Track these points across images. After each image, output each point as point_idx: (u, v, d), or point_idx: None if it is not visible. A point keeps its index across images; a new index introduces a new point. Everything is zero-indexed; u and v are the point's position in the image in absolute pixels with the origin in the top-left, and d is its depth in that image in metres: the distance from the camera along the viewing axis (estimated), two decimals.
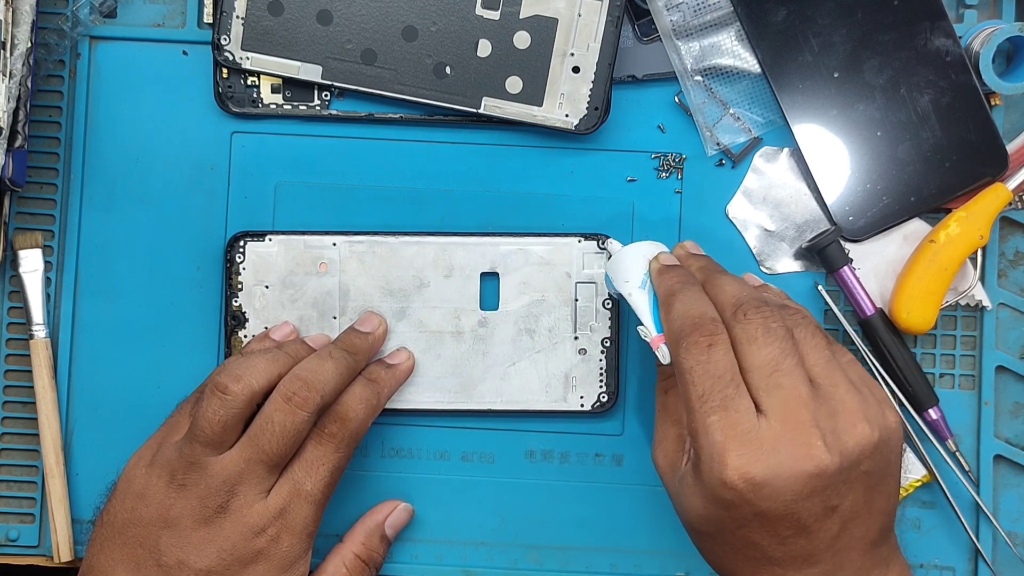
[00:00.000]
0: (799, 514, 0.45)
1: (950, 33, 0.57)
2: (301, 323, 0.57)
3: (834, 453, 0.45)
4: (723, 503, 0.45)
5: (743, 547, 0.47)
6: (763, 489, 0.44)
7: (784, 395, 0.45)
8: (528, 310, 0.57)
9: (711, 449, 0.45)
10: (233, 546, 0.50)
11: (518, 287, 0.58)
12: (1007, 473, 0.60)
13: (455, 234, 0.58)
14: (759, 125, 0.59)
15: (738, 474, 0.44)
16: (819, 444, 0.45)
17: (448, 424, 0.59)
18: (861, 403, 0.47)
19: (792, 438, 0.45)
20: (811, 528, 0.46)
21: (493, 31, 0.57)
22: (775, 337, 0.46)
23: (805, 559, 0.47)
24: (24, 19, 0.54)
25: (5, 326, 0.59)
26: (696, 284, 0.50)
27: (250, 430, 0.51)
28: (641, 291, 0.51)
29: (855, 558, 0.47)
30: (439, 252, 0.58)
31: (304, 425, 0.51)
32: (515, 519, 0.59)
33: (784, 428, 0.45)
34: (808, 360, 0.47)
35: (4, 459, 0.59)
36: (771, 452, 0.44)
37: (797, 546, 0.46)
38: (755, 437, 0.45)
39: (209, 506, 0.50)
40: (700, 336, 0.46)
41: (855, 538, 0.47)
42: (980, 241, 0.57)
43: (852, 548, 0.47)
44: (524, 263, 0.58)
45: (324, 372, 0.52)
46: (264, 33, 0.57)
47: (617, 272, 0.53)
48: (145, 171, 0.59)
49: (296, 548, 0.51)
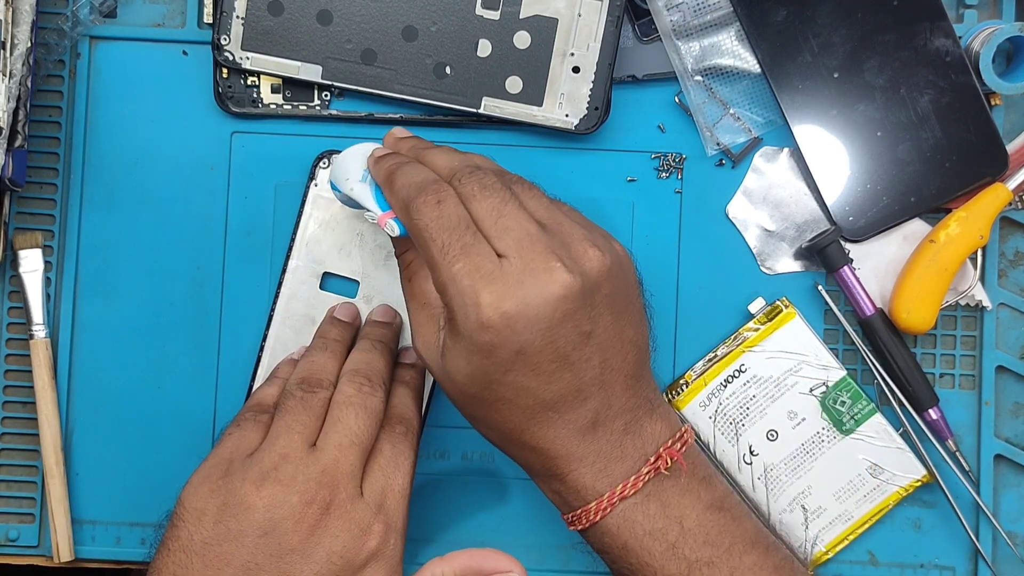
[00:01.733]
0: (557, 342, 0.46)
1: (950, 33, 0.57)
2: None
3: (575, 273, 0.46)
4: (484, 349, 0.46)
5: (514, 396, 0.47)
6: (518, 322, 0.45)
7: (515, 235, 0.46)
8: None
9: (462, 297, 0.46)
10: (344, 547, 0.47)
11: None
12: (1007, 473, 0.60)
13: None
14: (759, 125, 0.59)
15: (492, 310, 0.45)
16: (559, 266, 0.46)
17: (448, 424, 0.59)
18: (587, 234, 0.48)
19: (534, 268, 0.46)
20: (572, 358, 0.47)
21: (493, 31, 0.57)
22: (493, 191, 0.47)
23: (575, 396, 0.48)
24: (24, 19, 0.54)
25: (5, 326, 0.59)
26: (412, 160, 0.51)
27: (332, 415, 0.50)
28: (363, 184, 0.52)
29: (620, 392, 0.49)
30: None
31: (381, 407, 0.51)
32: (515, 518, 0.59)
33: (523, 262, 0.46)
34: (529, 206, 0.48)
35: (4, 459, 0.59)
36: (517, 285, 0.45)
37: (564, 381, 0.47)
38: (500, 275, 0.45)
39: (314, 503, 0.47)
40: (427, 196, 0.47)
41: (615, 370, 0.48)
42: (980, 241, 0.57)
43: (615, 382, 0.48)
44: None
45: (376, 362, 0.53)
46: (264, 33, 0.57)
47: (338, 173, 0.53)
48: (145, 171, 0.59)
49: (400, 547, 0.50)
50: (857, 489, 0.58)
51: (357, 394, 0.51)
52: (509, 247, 0.46)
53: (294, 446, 0.48)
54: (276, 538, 0.46)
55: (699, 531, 0.49)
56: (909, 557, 0.59)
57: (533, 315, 0.45)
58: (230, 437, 0.50)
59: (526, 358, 0.46)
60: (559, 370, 0.47)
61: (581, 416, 0.48)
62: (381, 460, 0.50)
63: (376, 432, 0.51)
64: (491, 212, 0.47)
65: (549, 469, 0.49)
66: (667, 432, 0.50)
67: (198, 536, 0.47)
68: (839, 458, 0.58)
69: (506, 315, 0.45)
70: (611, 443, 0.49)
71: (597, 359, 0.48)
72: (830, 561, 0.59)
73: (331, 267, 0.58)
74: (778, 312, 0.58)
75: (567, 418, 0.48)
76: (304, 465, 0.48)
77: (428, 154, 0.51)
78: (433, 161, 0.50)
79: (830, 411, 0.58)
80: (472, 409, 0.50)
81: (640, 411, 0.50)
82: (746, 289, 0.59)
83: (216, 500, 0.47)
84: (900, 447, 0.58)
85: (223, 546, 0.46)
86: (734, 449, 0.58)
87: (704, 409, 0.58)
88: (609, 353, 0.48)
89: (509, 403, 0.48)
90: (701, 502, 0.50)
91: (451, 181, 0.48)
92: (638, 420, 0.50)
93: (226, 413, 0.58)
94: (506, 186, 0.48)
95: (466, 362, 0.47)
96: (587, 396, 0.48)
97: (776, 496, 0.58)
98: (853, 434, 0.58)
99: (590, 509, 0.49)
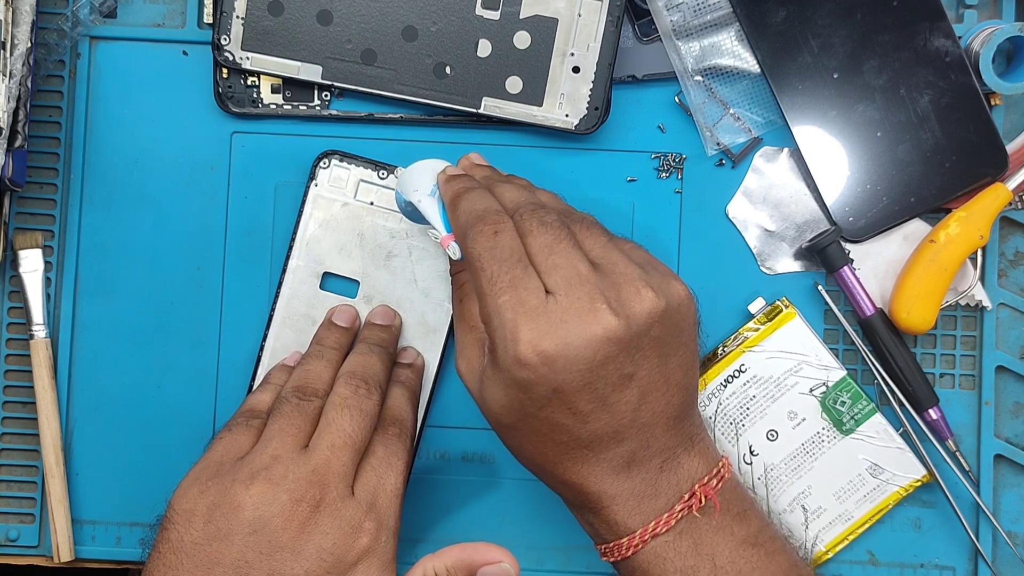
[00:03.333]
0: (595, 384, 0.46)
1: (949, 33, 0.57)
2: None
3: (621, 317, 0.45)
4: (521, 384, 0.46)
5: (549, 431, 0.47)
6: (556, 361, 0.45)
7: (564, 272, 0.46)
8: None
9: (503, 329, 0.46)
10: (334, 545, 0.47)
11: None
12: (1007, 473, 0.60)
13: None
14: (759, 125, 0.59)
15: (530, 348, 0.45)
16: (604, 308, 0.45)
17: (448, 424, 0.59)
18: (643, 274, 0.47)
19: (579, 307, 0.45)
20: (610, 400, 0.46)
21: (493, 31, 0.57)
22: (550, 227, 0.47)
23: (612, 437, 0.47)
24: (24, 19, 0.54)
25: (5, 326, 0.59)
26: (481, 187, 0.51)
27: (325, 417, 0.50)
28: (431, 198, 0.52)
29: (659, 434, 0.48)
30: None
31: (376, 409, 0.51)
32: (515, 519, 0.59)
33: (569, 300, 0.45)
34: (585, 245, 0.48)
35: (4, 459, 0.59)
36: (559, 324, 0.45)
37: (600, 422, 0.47)
38: (543, 312, 0.45)
39: (303, 501, 0.47)
40: (486, 225, 0.47)
41: (656, 412, 0.48)
42: (980, 241, 0.57)
43: (656, 424, 0.48)
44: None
45: (373, 365, 0.53)
46: (264, 33, 0.57)
47: (407, 184, 0.53)
48: (145, 171, 0.59)
49: (392, 545, 0.49)
50: (857, 489, 0.58)
51: (352, 396, 0.51)
52: (557, 284, 0.46)
53: (287, 448, 0.49)
54: (266, 536, 0.46)
55: (731, 568, 0.48)
56: (909, 557, 0.59)
57: (573, 355, 0.45)
58: (221, 441, 0.51)
59: (563, 397, 0.46)
60: (596, 411, 0.46)
61: (617, 455, 0.48)
62: (374, 460, 0.50)
63: (370, 434, 0.51)
64: (544, 248, 0.47)
65: (582, 502, 0.49)
66: (704, 468, 0.49)
67: (188, 537, 0.47)
68: (839, 458, 0.58)
69: (543, 353, 0.45)
70: (646, 481, 0.48)
71: (637, 401, 0.47)
72: (830, 561, 0.59)
73: (331, 267, 0.58)
74: (778, 312, 0.58)
75: (602, 456, 0.48)
76: (295, 465, 0.48)
77: (498, 185, 0.51)
78: (501, 193, 0.50)
79: (830, 411, 0.58)
80: (507, 438, 0.50)
81: (679, 448, 0.49)
82: (746, 289, 0.59)
83: (205, 501, 0.47)
84: (900, 447, 0.58)
85: (213, 546, 0.46)
86: (734, 449, 0.58)
87: (704, 409, 0.58)
88: (652, 396, 0.47)
89: (544, 437, 0.48)
90: (735, 538, 0.49)
91: (513, 214, 0.48)
92: (676, 457, 0.49)
93: (226, 413, 0.58)
94: (564, 224, 0.48)
95: (503, 393, 0.47)
96: (624, 437, 0.47)
97: (776, 496, 0.58)
98: (853, 434, 0.58)
99: (622, 544, 0.49)
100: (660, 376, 0.48)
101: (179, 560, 0.47)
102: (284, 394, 0.52)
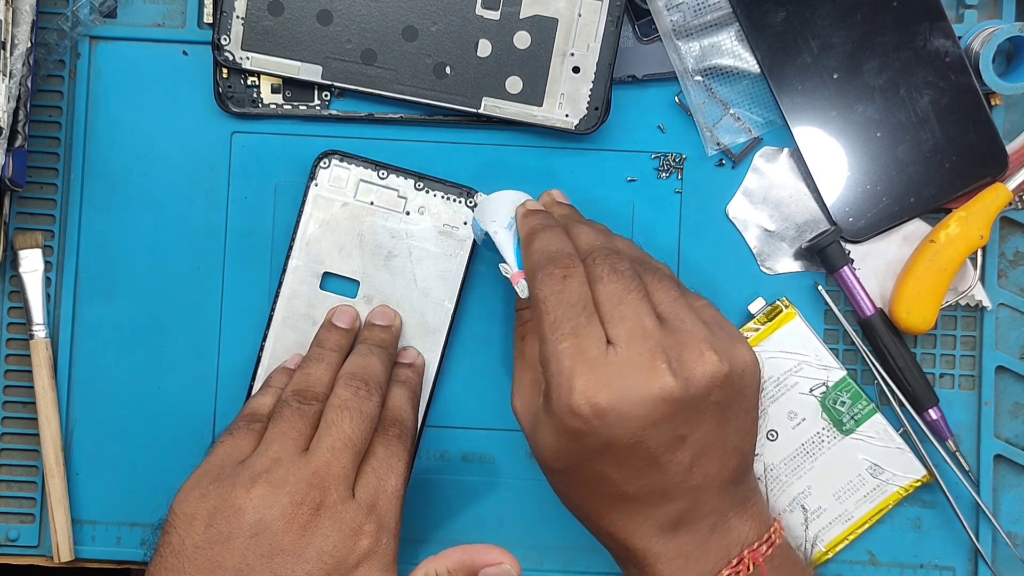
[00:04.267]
0: (647, 443, 0.45)
1: (949, 34, 0.57)
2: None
3: (679, 378, 0.45)
4: (572, 433, 0.45)
5: (596, 483, 0.47)
6: (609, 415, 0.44)
7: (629, 325, 0.46)
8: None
9: (559, 376, 0.45)
10: (335, 547, 0.47)
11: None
12: (1007, 473, 0.60)
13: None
14: (759, 125, 0.59)
15: (584, 399, 0.44)
16: (664, 368, 0.45)
17: (448, 424, 0.59)
18: (709, 336, 0.47)
19: (637, 364, 0.45)
20: (661, 459, 0.46)
21: (493, 31, 0.57)
22: (621, 276, 0.47)
23: (660, 495, 0.47)
24: (24, 19, 0.54)
25: (5, 326, 0.59)
26: (558, 226, 0.51)
27: (326, 419, 0.50)
28: (507, 231, 0.52)
29: (711, 496, 0.47)
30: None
31: (376, 411, 0.51)
32: (515, 519, 0.59)
33: (630, 355, 0.45)
34: (655, 298, 0.48)
35: (4, 459, 0.59)
36: (617, 378, 0.45)
37: (650, 479, 0.46)
38: (602, 363, 0.45)
39: (304, 503, 0.47)
40: (556, 268, 0.47)
41: (710, 475, 0.47)
42: (980, 241, 0.57)
43: (708, 486, 0.47)
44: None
45: (373, 366, 0.53)
46: (264, 33, 0.57)
47: (485, 214, 0.53)
48: (145, 171, 0.59)
49: (393, 547, 0.49)
50: (857, 489, 0.58)
51: (353, 398, 0.51)
52: (620, 336, 0.46)
53: (287, 451, 0.49)
54: (267, 539, 0.46)
55: None
56: (909, 557, 0.59)
57: (626, 411, 0.45)
58: (222, 444, 0.51)
59: (613, 451, 0.45)
60: (646, 468, 0.46)
61: (665, 514, 0.47)
62: (374, 462, 0.50)
63: (370, 435, 0.51)
64: (613, 297, 0.46)
65: (627, 557, 0.49)
66: (755, 532, 0.49)
67: (189, 541, 0.47)
68: (839, 458, 0.58)
69: (596, 406, 0.44)
70: (694, 542, 0.48)
71: (690, 463, 0.46)
72: (830, 561, 0.59)
73: (331, 267, 0.58)
74: (778, 312, 0.58)
75: (649, 513, 0.47)
76: (295, 468, 0.48)
77: (575, 226, 0.51)
78: (577, 234, 0.50)
79: (830, 411, 0.58)
80: (555, 483, 0.50)
81: (731, 511, 0.48)
82: (746, 289, 0.59)
83: (206, 504, 0.47)
84: (900, 447, 0.58)
85: (214, 549, 0.46)
86: None
87: None
88: (706, 458, 0.47)
89: (591, 488, 0.47)
90: None
91: (586, 259, 0.48)
92: (727, 520, 0.48)
93: (225, 413, 0.58)
94: (636, 274, 0.47)
95: (554, 439, 0.47)
96: (673, 497, 0.47)
97: (776, 496, 0.58)
98: (853, 434, 0.58)
99: None
100: (717, 439, 0.47)
101: (181, 564, 0.46)
102: (284, 397, 0.51)
